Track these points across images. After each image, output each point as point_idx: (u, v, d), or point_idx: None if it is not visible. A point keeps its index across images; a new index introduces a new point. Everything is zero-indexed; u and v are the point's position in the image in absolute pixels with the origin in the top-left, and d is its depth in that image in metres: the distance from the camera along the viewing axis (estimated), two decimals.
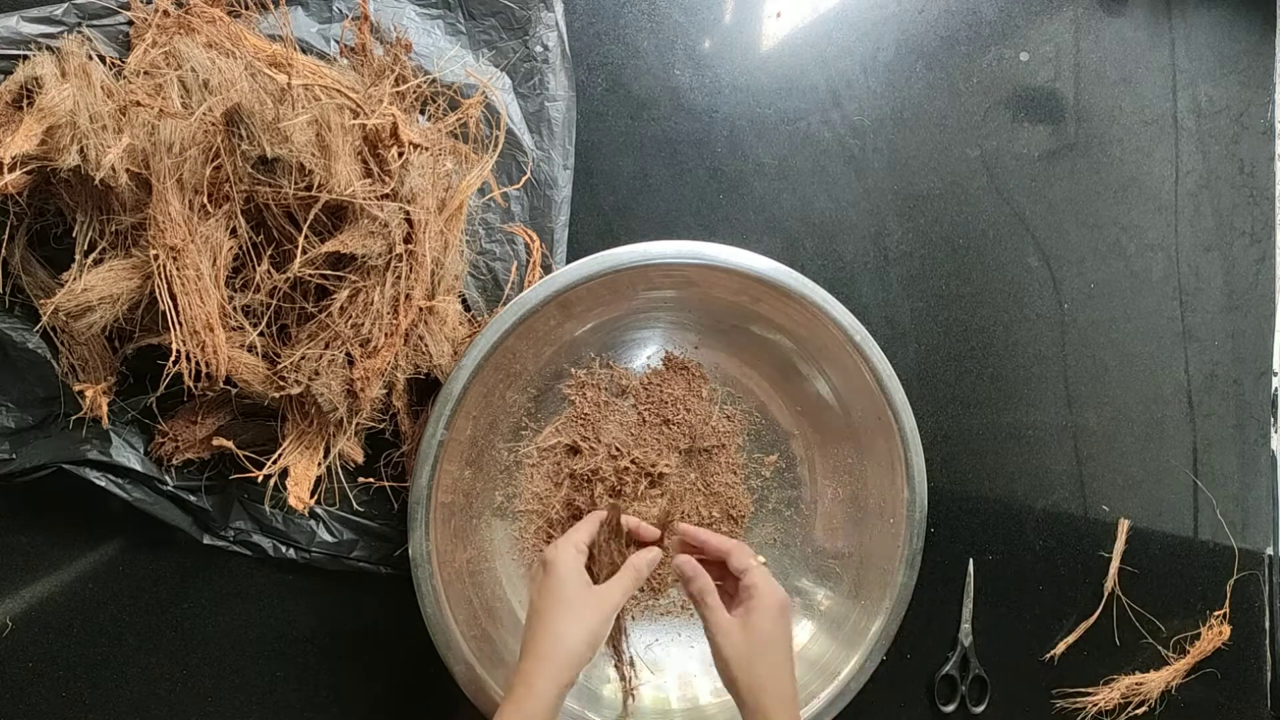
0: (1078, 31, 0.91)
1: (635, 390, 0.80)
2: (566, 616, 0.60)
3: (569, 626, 0.59)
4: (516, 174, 0.76)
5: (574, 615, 0.60)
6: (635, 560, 0.65)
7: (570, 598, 0.60)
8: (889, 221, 0.86)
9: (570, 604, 0.60)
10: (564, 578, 0.61)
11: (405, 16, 0.74)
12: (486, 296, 0.76)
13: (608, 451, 0.78)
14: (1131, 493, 0.91)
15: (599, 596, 0.62)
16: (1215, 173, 0.94)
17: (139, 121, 0.60)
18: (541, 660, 0.58)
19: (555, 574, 0.61)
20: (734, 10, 0.84)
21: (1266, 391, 0.94)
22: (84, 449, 0.68)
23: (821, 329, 0.75)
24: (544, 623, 0.60)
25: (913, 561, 0.76)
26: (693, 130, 0.82)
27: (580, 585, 0.61)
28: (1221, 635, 0.90)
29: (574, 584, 0.61)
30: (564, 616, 0.60)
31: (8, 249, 0.65)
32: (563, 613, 0.60)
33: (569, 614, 0.60)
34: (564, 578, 0.61)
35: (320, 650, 0.77)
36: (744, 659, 0.62)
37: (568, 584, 0.61)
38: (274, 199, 0.62)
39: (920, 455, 0.76)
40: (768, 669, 0.61)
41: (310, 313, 0.66)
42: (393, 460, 0.74)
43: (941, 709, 0.85)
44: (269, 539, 0.74)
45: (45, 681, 0.73)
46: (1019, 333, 0.89)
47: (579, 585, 0.61)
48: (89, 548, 0.73)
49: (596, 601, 0.61)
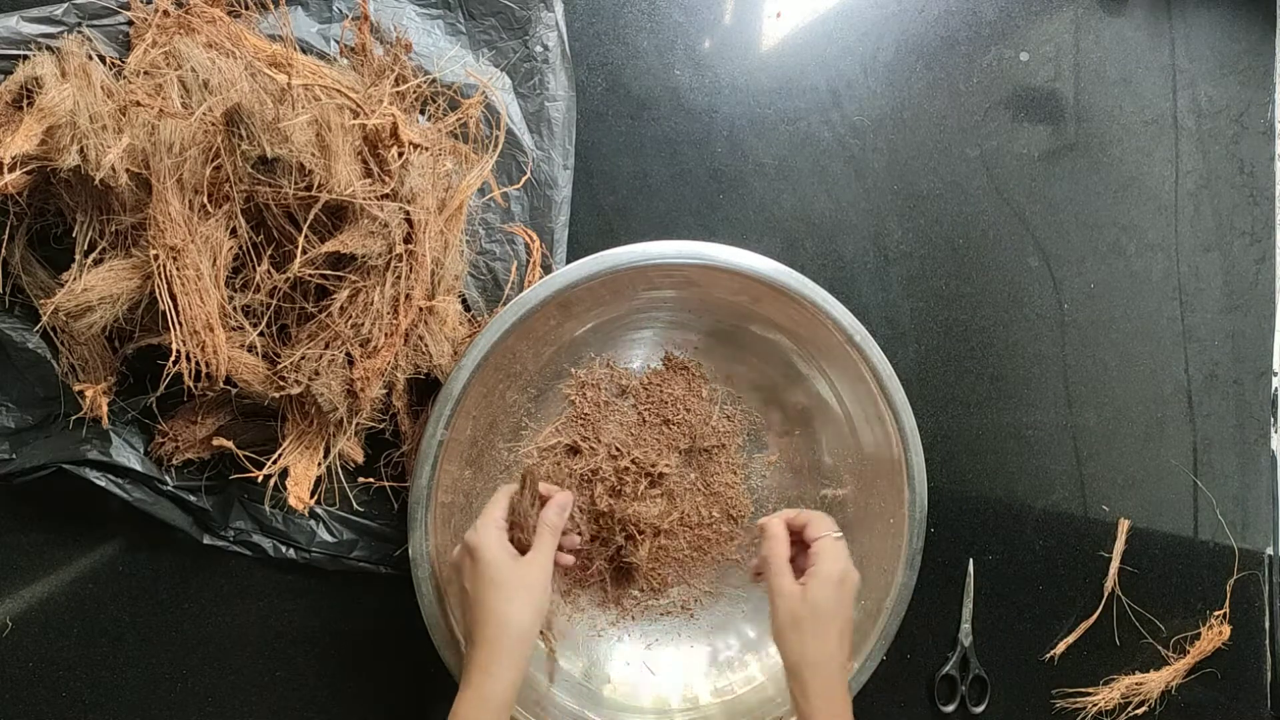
0: (1078, 31, 0.91)
1: (635, 390, 0.80)
2: (504, 597, 0.60)
3: (510, 607, 0.60)
4: (516, 174, 0.76)
5: (511, 594, 0.60)
6: (545, 517, 0.65)
7: (504, 579, 0.60)
8: (889, 221, 0.86)
9: (505, 584, 0.60)
10: (491, 560, 0.61)
11: (405, 16, 0.74)
12: (486, 296, 0.76)
13: (608, 451, 0.78)
14: (1131, 493, 0.91)
15: (529, 567, 0.62)
16: (1215, 173, 0.93)
17: (139, 121, 0.60)
18: (493, 646, 0.59)
19: (482, 558, 0.61)
20: (734, 10, 0.84)
21: (1266, 391, 0.94)
22: (84, 449, 0.68)
23: (821, 329, 0.75)
24: (485, 609, 0.60)
25: (913, 561, 0.76)
26: (693, 130, 0.82)
27: (509, 563, 0.61)
28: (1221, 635, 0.90)
29: (504, 564, 0.61)
30: (502, 598, 0.60)
31: (8, 249, 0.65)
32: (499, 594, 0.60)
33: (505, 594, 0.60)
34: (491, 560, 0.61)
35: (320, 650, 0.77)
36: (794, 624, 0.63)
37: (498, 565, 0.61)
38: (274, 199, 0.62)
39: (920, 455, 0.76)
40: (814, 637, 0.62)
41: (310, 313, 0.66)
42: (393, 460, 0.74)
43: (941, 709, 0.85)
44: (269, 539, 0.74)
45: (45, 681, 0.73)
46: (1019, 333, 0.89)
47: (509, 563, 0.61)
48: (89, 548, 0.73)
49: (529, 573, 0.61)
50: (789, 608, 0.63)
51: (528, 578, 0.61)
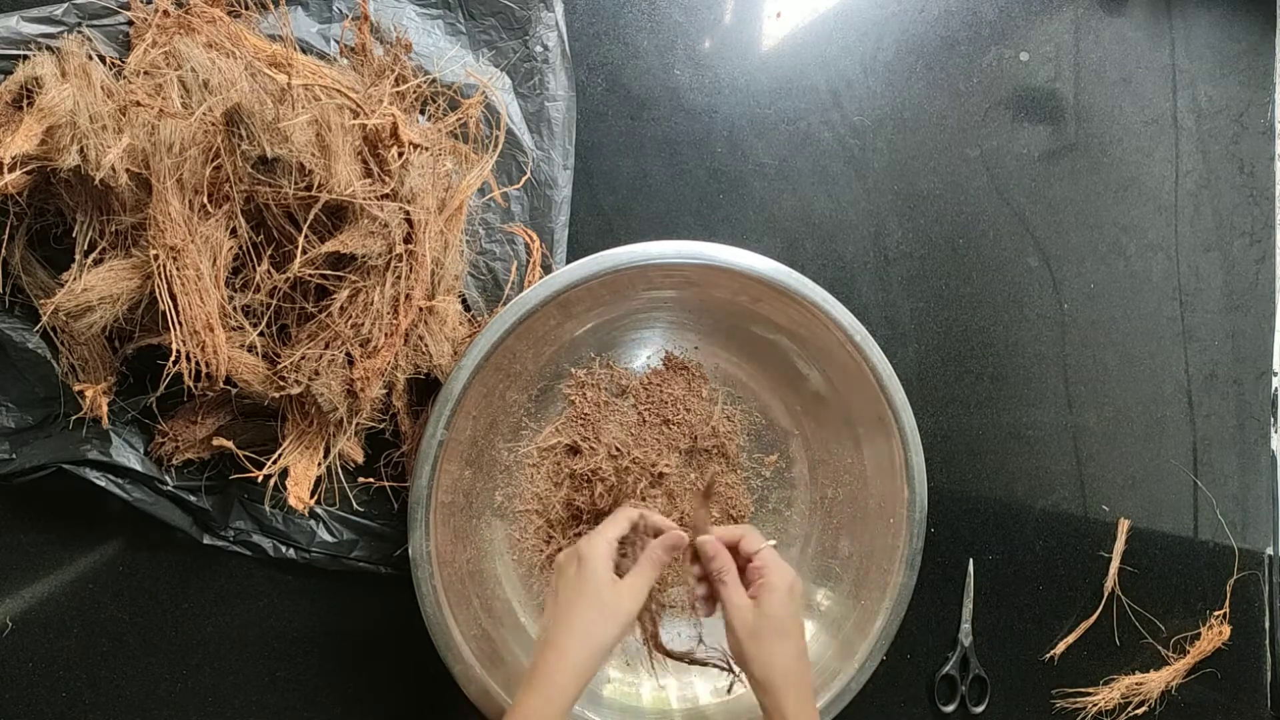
0: (1078, 31, 0.91)
1: (635, 390, 0.80)
2: (594, 612, 0.60)
3: (597, 623, 0.60)
4: (516, 174, 0.76)
5: (601, 611, 0.60)
6: (654, 550, 0.65)
7: (600, 594, 0.61)
8: (889, 221, 0.86)
9: (598, 599, 0.60)
10: (595, 572, 0.61)
11: (405, 16, 0.74)
12: (486, 296, 0.76)
13: (608, 451, 0.78)
14: (1131, 493, 0.91)
15: (627, 593, 0.62)
16: (1215, 173, 0.94)
17: (139, 121, 0.60)
18: (566, 654, 0.59)
19: (588, 567, 0.61)
20: (734, 10, 0.84)
21: (1266, 391, 0.94)
22: (84, 449, 0.68)
23: (821, 329, 0.75)
24: (572, 616, 0.60)
25: (913, 561, 0.76)
26: (693, 130, 0.82)
27: (609, 582, 0.61)
28: (1222, 635, 0.90)
29: (604, 580, 0.61)
30: (591, 612, 0.60)
31: (8, 249, 0.65)
32: (590, 607, 0.60)
33: (596, 610, 0.60)
34: (595, 572, 0.61)
35: (320, 650, 0.77)
36: (754, 638, 0.63)
37: (599, 580, 0.61)
38: (274, 199, 0.62)
39: (920, 455, 0.76)
40: (776, 648, 0.62)
41: (310, 313, 0.66)
42: (393, 460, 0.74)
43: (941, 709, 0.86)
44: (269, 539, 0.74)
45: (45, 681, 0.73)
46: (1019, 333, 0.89)
47: (608, 582, 0.61)
48: (89, 548, 0.73)
49: (624, 599, 0.61)
50: (745, 621, 0.63)
51: (623, 603, 0.61)
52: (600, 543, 0.63)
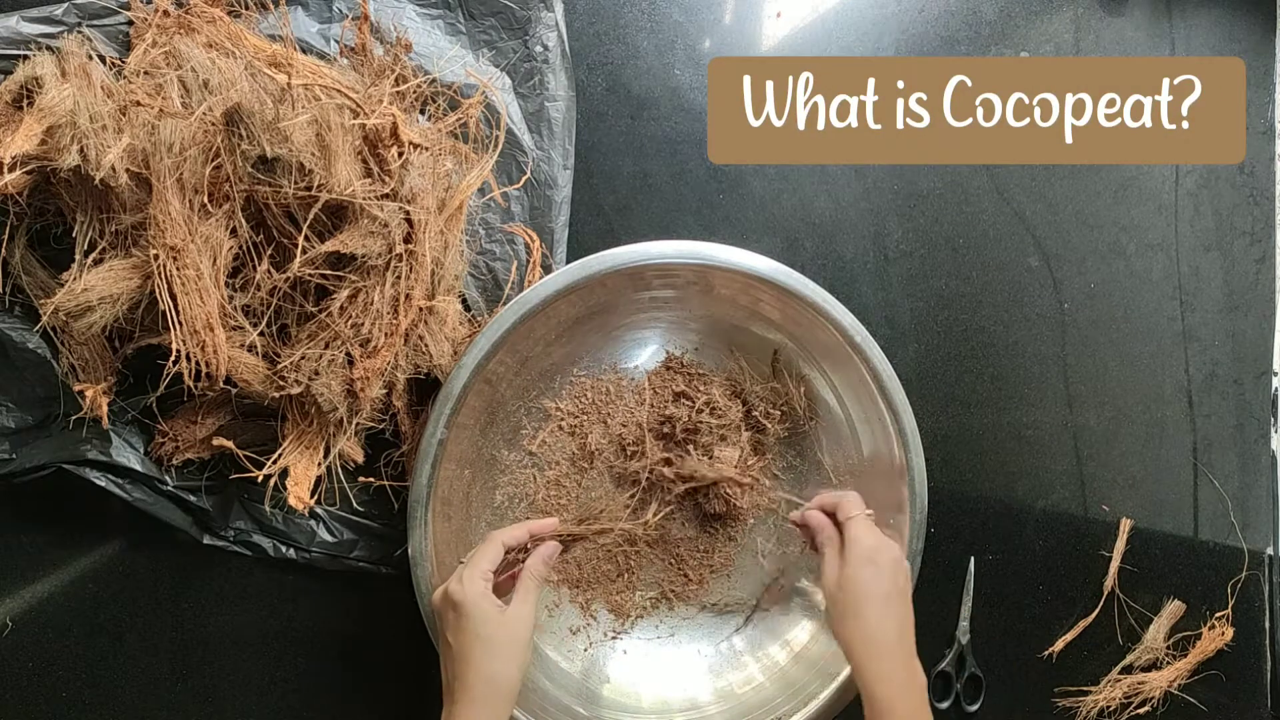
0: (1078, 31, 0.91)
1: (635, 390, 0.80)
2: (490, 654, 0.59)
3: (496, 665, 0.59)
4: (516, 174, 0.76)
5: (497, 651, 0.59)
6: (530, 567, 0.64)
7: (490, 635, 0.59)
8: (889, 221, 0.86)
9: (491, 640, 0.59)
10: (477, 615, 0.59)
11: (405, 16, 0.74)
12: (486, 296, 0.76)
13: (607, 451, 0.78)
14: (1132, 492, 0.91)
15: (515, 621, 0.60)
16: (1215, 173, 0.93)
17: (139, 121, 0.60)
18: (479, 703, 0.58)
19: (467, 613, 0.59)
20: (734, 10, 0.84)
21: (1266, 391, 0.94)
22: (84, 449, 0.68)
23: (821, 329, 0.75)
24: (470, 665, 0.58)
25: (913, 561, 0.75)
26: (693, 130, 0.82)
27: (495, 618, 0.59)
28: (1224, 636, 0.89)
29: (490, 619, 0.59)
30: (487, 655, 0.59)
31: (8, 249, 0.65)
32: (485, 651, 0.59)
33: (492, 651, 0.59)
34: (477, 615, 0.59)
35: (320, 650, 0.77)
36: (838, 607, 0.64)
37: (484, 620, 0.59)
38: (274, 199, 0.62)
39: (920, 455, 0.75)
40: (853, 618, 0.63)
41: (310, 313, 0.66)
42: (393, 460, 0.74)
43: (936, 705, 0.85)
44: (269, 539, 0.74)
45: (45, 681, 0.73)
46: (1019, 333, 0.89)
47: (495, 618, 0.59)
48: (89, 548, 0.73)
49: (515, 628, 0.60)
50: (830, 591, 0.64)
51: (515, 632, 0.60)
52: (472, 579, 0.61)
